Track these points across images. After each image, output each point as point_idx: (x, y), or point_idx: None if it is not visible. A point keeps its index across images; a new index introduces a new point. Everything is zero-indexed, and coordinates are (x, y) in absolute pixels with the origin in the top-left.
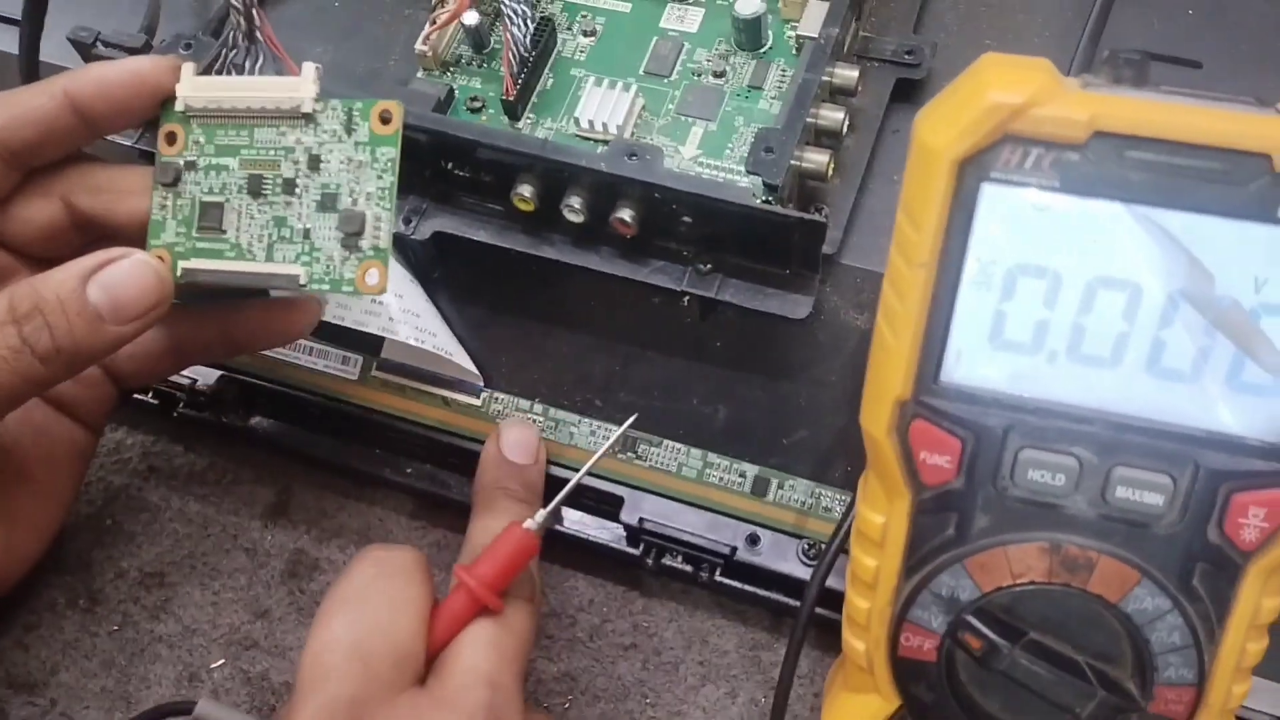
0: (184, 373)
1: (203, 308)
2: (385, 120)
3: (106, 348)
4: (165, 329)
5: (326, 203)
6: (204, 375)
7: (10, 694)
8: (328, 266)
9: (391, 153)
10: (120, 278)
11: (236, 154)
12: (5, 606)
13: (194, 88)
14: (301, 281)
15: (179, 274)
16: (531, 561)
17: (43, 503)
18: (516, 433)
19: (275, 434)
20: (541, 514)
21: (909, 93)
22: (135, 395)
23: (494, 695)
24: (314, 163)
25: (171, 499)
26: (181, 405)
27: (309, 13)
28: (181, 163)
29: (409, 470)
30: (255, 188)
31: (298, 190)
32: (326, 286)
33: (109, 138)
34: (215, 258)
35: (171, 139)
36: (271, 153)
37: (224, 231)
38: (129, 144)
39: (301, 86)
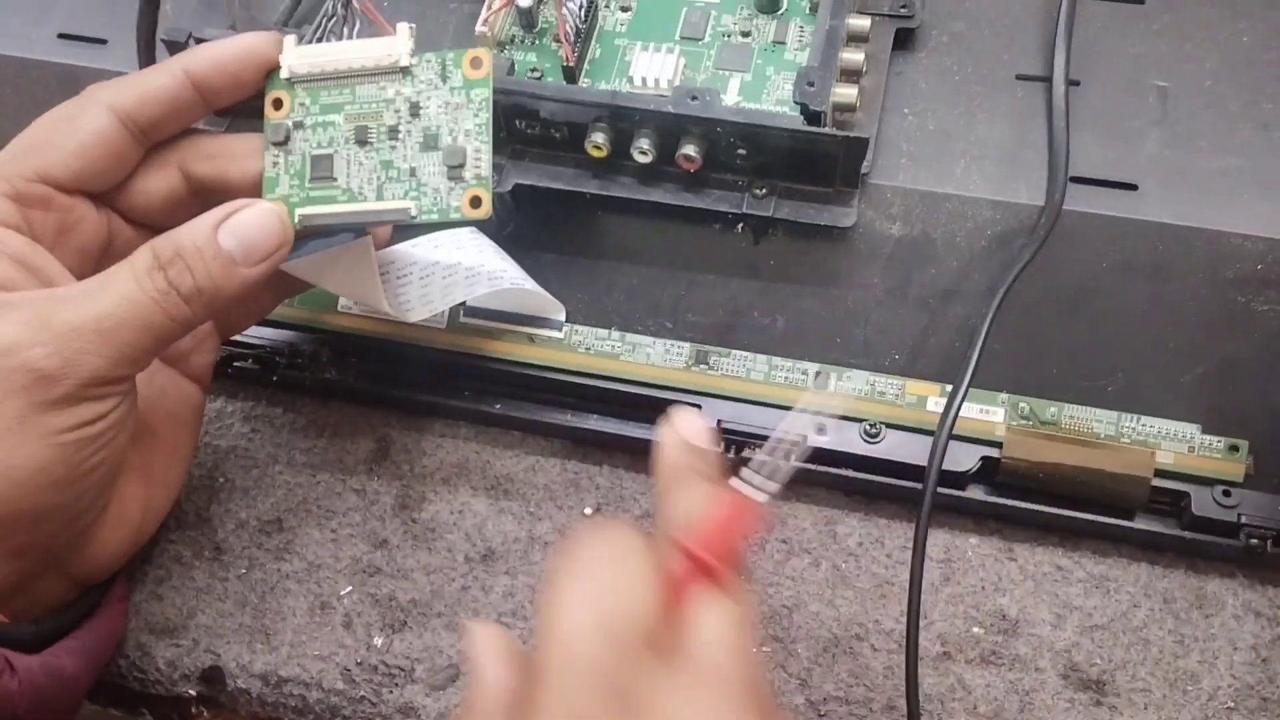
0: (280, 338)
1: None
2: (476, 66)
3: (240, 288)
4: None
5: (429, 143)
6: (300, 339)
7: (152, 639)
8: (435, 198)
9: (485, 93)
10: (247, 223)
11: (341, 110)
12: (134, 564)
13: (296, 56)
14: (412, 214)
15: (296, 220)
16: None
17: (170, 459)
18: (690, 420)
19: (370, 386)
20: (757, 479)
21: (907, 40)
22: (235, 363)
23: (743, 662)
24: (414, 110)
25: (279, 454)
26: (282, 368)
27: None
28: (290, 123)
29: (498, 405)
30: (361, 137)
31: (401, 135)
32: (435, 216)
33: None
34: (329, 203)
35: (279, 104)
36: (374, 105)
37: (335, 179)
38: (220, 131)
39: (398, 44)
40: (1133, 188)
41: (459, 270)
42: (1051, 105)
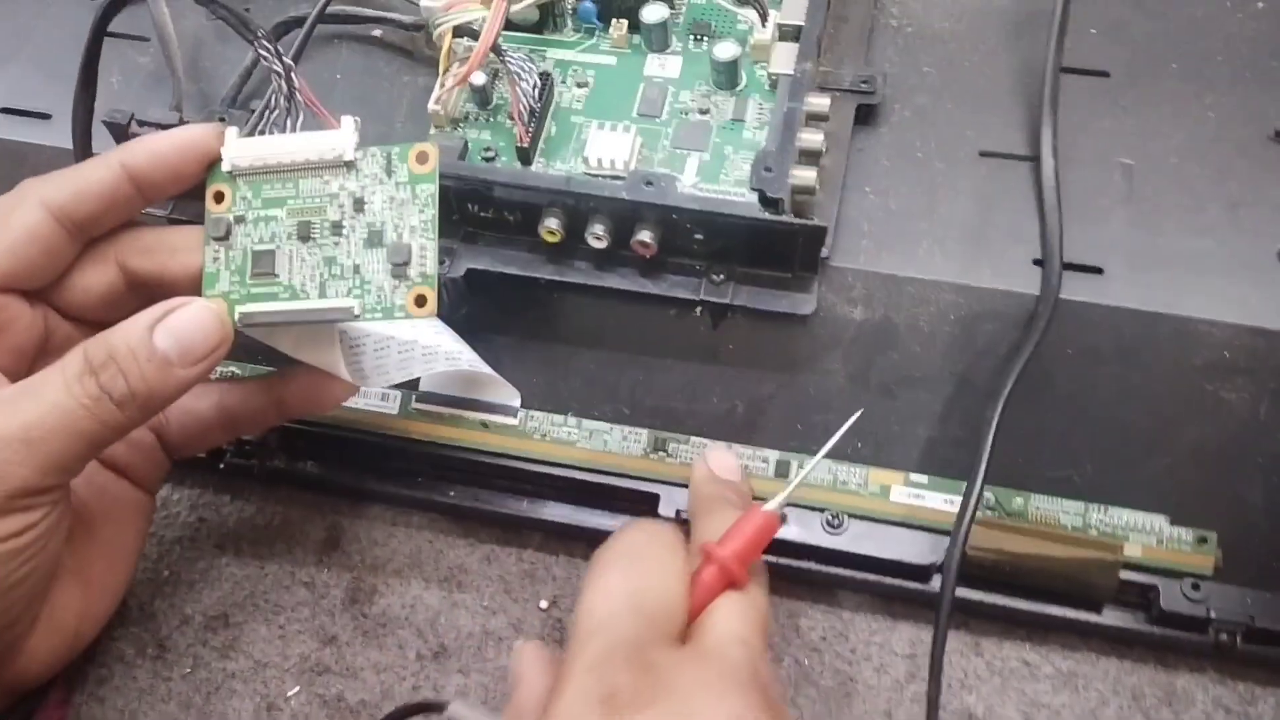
0: None
1: (254, 379)
2: (422, 160)
3: (176, 390)
4: (216, 400)
5: (373, 239)
6: None
7: None
8: (379, 296)
9: (430, 188)
10: (184, 323)
11: (283, 204)
12: (75, 665)
13: (239, 149)
14: (355, 312)
15: (236, 318)
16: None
17: (111, 563)
18: (723, 457)
19: (320, 474)
20: (780, 497)
21: (868, 116)
22: None
23: (752, 655)
24: (358, 205)
25: (226, 545)
26: (229, 455)
27: (317, 88)
28: (231, 217)
29: (452, 493)
30: (304, 233)
31: (344, 231)
32: (379, 315)
33: (145, 211)
34: (270, 300)
35: (220, 197)
36: (317, 200)
37: (277, 275)
38: (162, 213)
39: (342, 138)
40: (1098, 271)
41: (415, 347)
42: (1042, 185)
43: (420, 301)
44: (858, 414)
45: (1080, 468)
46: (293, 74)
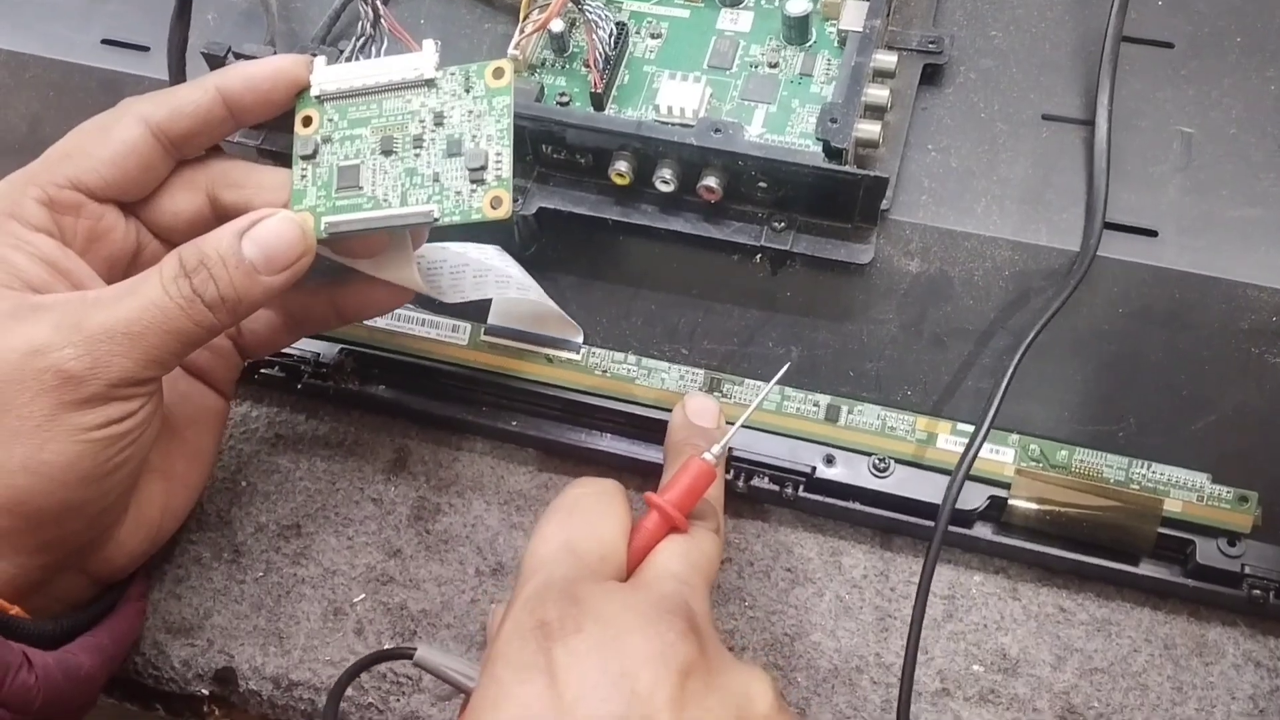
0: (307, 347)
1: (314, 284)
2: (498, 75)
3: (263, 296)
4: (281, 304)
5: (452, 149)
6: (325, 349)
7: (169, 638)
8: (457, 201)
9: (506, 100)
10: (268, 233)
11: (368, 123)
12: (155, 563)
13: (326, 75)
14: (435, 216)
15: (322, 229)
16: (716, 495)
17: (192, 462)
18: (700, 401)
19: (391, 398)
20: (716, 447)
21: (934, 76)
22: (262, 370)
23: (684, 589)
24: (438, 119)
25: (300, 461)
26: (306, 377)
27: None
28: (319, 138)
29: (515, 422)
30: (387, 147)
31: (425, 144)
32: (457, 217)
33: (235, 139)
34: (355, 210)
35: (308, 121)
36: (399, 117)
37: (360, 188)
38: (253, 143)
39: (424, 59)
40: (1153, 234)
41: (489, 273)
42: (1093, 148)
43: (496, 204)
44: (787, 366)
45: (1125, 424)
46: (378, 4)
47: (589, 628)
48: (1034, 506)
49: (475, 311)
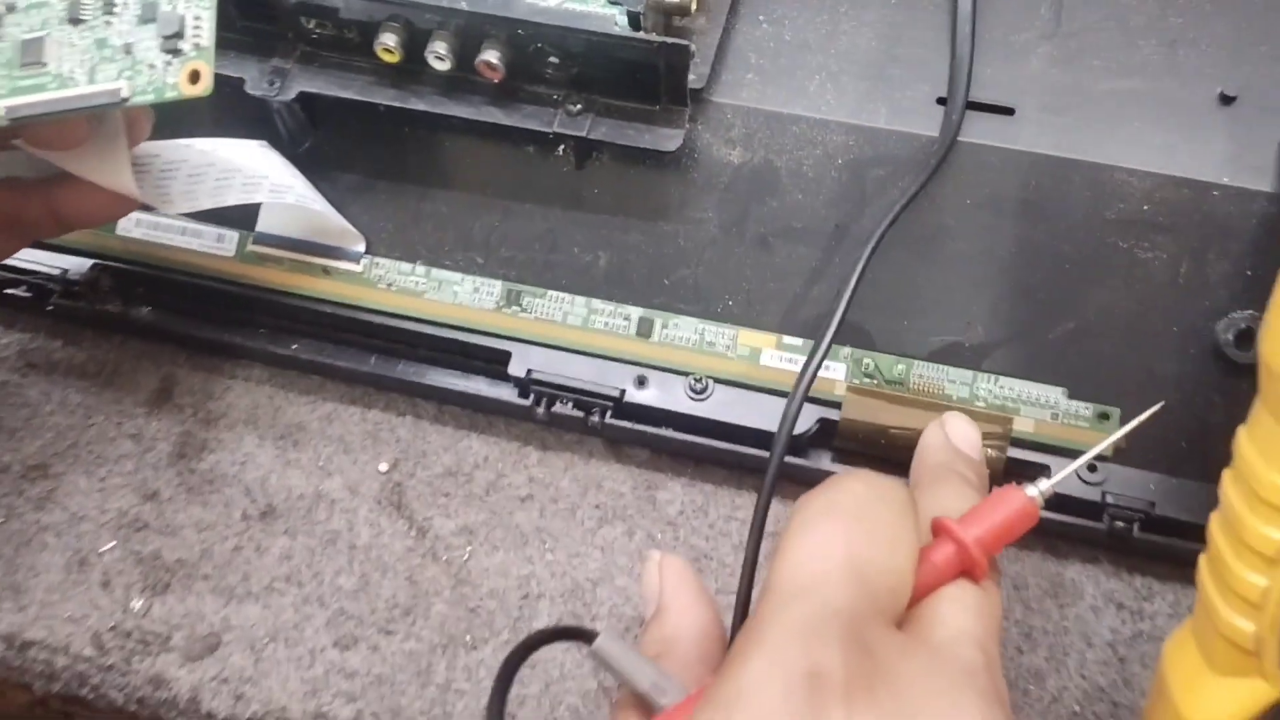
0: (55, 264)
1: (28, 183)
2: None
3: None
4: None
5: (146, 13)
6: (75, 265)
7: None
8: (150, 77)
9: None
10: None
11: None
12: None
13: None
14: (124, 94)
15: (3, 113)
16: None
17: None
18: (965, 427)
19: (154, 320)
20: (1047, 484)
21: None
22: (7, 290)
23: (987, 661)
24: None
25: (52, 393)
26: (55, 296)
27: None
28: (3, 7)
29: (295, 345)
30: (75, 14)
31: (117, 9)
32: (151, 96)
33: None
34: (38, 91)
35: None
36: None
37: (45, 65)
38: None
39: None
40: (1008, 111)
41: (236, 175)
42: (956, 13)
43: (194, 78)
44: (1159, 405)
45: (971, 332)
46: None
47: (882, 694)
48: (867, 427)
49: (244, 218)
